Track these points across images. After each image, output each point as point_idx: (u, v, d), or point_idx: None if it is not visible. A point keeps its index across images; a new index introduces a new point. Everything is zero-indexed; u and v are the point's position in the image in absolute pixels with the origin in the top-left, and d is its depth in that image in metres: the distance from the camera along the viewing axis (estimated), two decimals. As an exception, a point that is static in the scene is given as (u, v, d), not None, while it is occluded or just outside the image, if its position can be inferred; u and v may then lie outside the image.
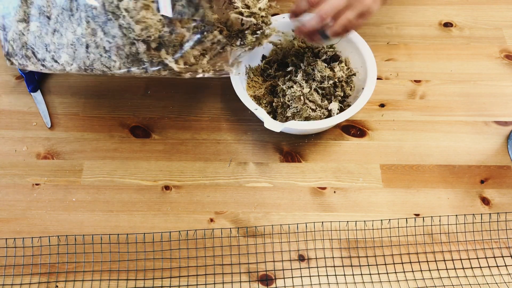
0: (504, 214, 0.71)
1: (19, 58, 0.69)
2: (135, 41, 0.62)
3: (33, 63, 0.68)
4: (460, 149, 0.77)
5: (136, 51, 0.63)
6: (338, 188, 0.74)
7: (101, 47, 0.63)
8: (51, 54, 0.66)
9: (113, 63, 0.64)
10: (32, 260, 0.68)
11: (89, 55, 0.64)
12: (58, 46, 0.65)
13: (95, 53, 0.64)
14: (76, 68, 0.66)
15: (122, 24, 0.61)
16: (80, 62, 0.65)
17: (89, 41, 0.63)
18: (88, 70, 0.66)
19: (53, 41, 0.65)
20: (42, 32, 0.66)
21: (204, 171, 0.75)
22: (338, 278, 0.66)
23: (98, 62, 0.64)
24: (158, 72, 0.65)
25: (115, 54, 0.63)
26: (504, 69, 0.86)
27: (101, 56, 0.64)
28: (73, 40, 0.64)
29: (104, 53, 0.64)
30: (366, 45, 0.78)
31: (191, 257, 0.68)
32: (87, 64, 0.65)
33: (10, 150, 0.77)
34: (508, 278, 0.67)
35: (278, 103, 0.76)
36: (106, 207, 0.72)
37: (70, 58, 0.65)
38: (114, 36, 0.62)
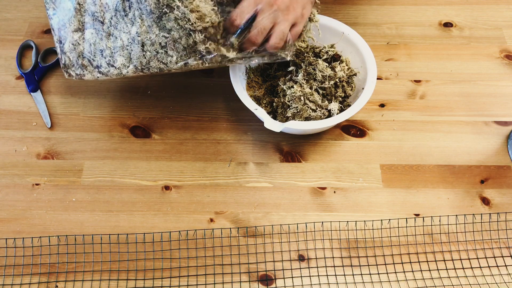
0: (504, 214, 0.71)
1: (76, 68, 0.70)
2: (191, 32, 0.62)
3: (89, 72, 0.70)
4: (460, 149, 0.77)
5: (194, 42, 0.63)
6: (338, 188, 0.74)
7: (157, 44, 0.64)
8: (107, 59, 0.67)
9: (170, 58, 0.64)
10: (32, 260, 0.68)
11: (145, 53, 0.65)
12: (113, 50, 0.66)
13: (151, 50, 0.64)
14: (133, 70, 0.67)
15: (178, 16, 0.62)
16: (136, 62, 0.66)
17: (144, 39, 0.64)
18: (145, 69, 0.66)
19: (108, 46, 0.66)
20: (97, 38, 0.67)
21: (204, 171, 0.75)
22: (338, 278, 0.66)
23: (155, 59, 0.65)
24: (215, 61, 0.65)
25: (171, 49, 0.64)
26: (504, 69, 0.86)
27: (157, 53, 0.65)
28: (128, 41, 0.65)
29: (160, 49, 0.64)
30: (366, 45, 0.78)
31: (191, 257, 0.68)
32: (143, 63, 0.66)
33: (10, 150, 0.77)
34: (508, 278, 0.67)
35: (278, 103, 0.76)
36: (106, 207, 0.72)
37: (126, 60, 0.66)
38: (170, 30, 0.63)
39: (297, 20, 0.67)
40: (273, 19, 0.65)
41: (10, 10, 0.93)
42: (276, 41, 0.67)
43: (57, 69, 0.86)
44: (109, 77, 0.70)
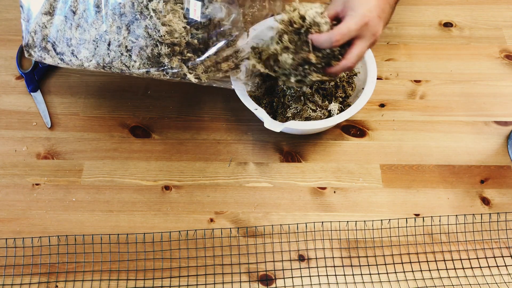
0: (504, 214, 0.71)
1: (37, 50, 0.69)
2: (158, 43, 0.63)
3: (51, 56, 0.69)
4: (460, 149, 0.77)
5: (158, 53, 0.63)
6: (338, 188, 0.74)
7: (123, 46, 0.64)
8: (71, 48, 0.66)
9: (133, 62, 0.64)
10: (32, 260, 0.68)
11: (110, 52, 0.65)
12: (79, 41, 0.66)
13: (116, 51, 0.64)
14: (95, 65, 0.66)
15: (148, 25, 0.62)
16: (99, 59, 0.65)
17: (112, 38, 0.64)
18: (106, 67, 0.66)
19: (75, 36, 0.66)
20: (66, 26, 0.66)
21: (204, 171, 0.75)
22: (338, 278, 0.66)
23: (118, 60, 0.65)
24: (177, 75, 0.65)
25: (136, 54, 0.64)
26: (504, 69, 0.86)
27: (122, 55, 0.64)
28: (96, 36, 0.65)
29: (125, 52, 0.64)
30: (366, 45, 0.78)
31: (191, 257, 0.68)
32: (106, 61, 0.65)
33: (10, 150, 0.77)
34: (508, 278, 0.67)
35: (278, 103, 0.76)
36: (106, 207, 0.72)
37: (90, 54, 0.66)
38: (138, 36, 0.63)
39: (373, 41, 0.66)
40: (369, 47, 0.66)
41: (10, 10, 0.93)
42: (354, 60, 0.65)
43: (57, 69, 0.86)
44: (69, 66, 0.69)
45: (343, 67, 0.66)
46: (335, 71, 0.66)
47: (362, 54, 0.65)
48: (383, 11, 0.65)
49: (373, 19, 0.64)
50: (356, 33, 0.64)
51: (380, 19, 0.65)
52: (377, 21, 0.64)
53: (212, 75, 0.68)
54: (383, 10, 0.65)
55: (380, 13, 0.65)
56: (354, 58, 0.65)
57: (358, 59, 0.65)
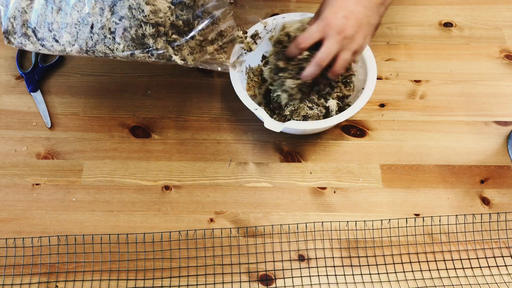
0: (504, 214, 0.71)
1: (18, 36, 0.67)
2: (143, 23, 0.61)
3: (32, 43, 0.67)
4: (460, 149, 0.77)
5: (143, 34, 0.62)
6: (338, 188, 0.74)
7: (106, 28, 0.63)
8: (53, 33, 0.65)
9: (117, 45, 0.63)
10: (32, 260, 0.68)
11: (93, 35, 0.64)
12: (61, 26, 0.64)
13: (100, 34, 0.63)
14: (77, 49, 0.65)
15: (132, 4, 0.61)
16: (82, 42, 0.64)
17: (94, 21, 0.63)
18: (89, 52, 0.65)
19: (56, 20, 0.64)
20: (47, 10, 0.65)
21: (204, 171, 0.75)
22: (338, 278, 0.66)
23: (102, 43, 0.64)
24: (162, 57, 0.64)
25: (120, 36, 0.63)
26: (504, 69, 0.86)
27: (105, 37, 0.63)
28: (78, 19, 0.63)
29: (109, 35, 0.63)
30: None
31: (191, 257, 0.68)
32: (89, 45, 0.64)
33: (10, 150, 0.77)
34: (508, 278, 0.67)
35: (275, 104, 0.76)
36: (106, 207, 0.72)
37: (72, 38, 0.64)
38: (122, 17, 0.62)
39: (358, 49, 0.68)
40: (340, 46, 0.67)
41: (10, 10, 0.93)
42: (339, 68, 0.68)
43: (57, 69, 0.86)
44: (51, 52, 0.67)
45: (313, 66, 0.68)
46: (307, 72, 0.68)
47: (330, 51, 0.67)
48: (352, 12, 0.66)
49: (335, 19, 0.66)
50: (319, 34, 0.67)
51: (346, 18, 0.66)
52: (342, 20, 0.66)
53: (198, 56, 0.67)
54: (351, 11, 0.66)
55: (348, 13, 0.66)
56: (321, 55, 0.67)
57: (326, 56, 0.67)
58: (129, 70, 0.86)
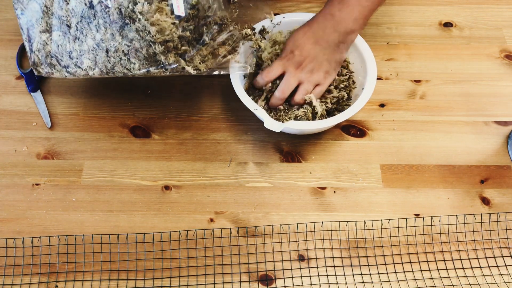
0: (504, 214, 0.71)
1: (45, 66, 0.72)
2: (151, 43, 0.64)
3: (58, 70, 0.71)
4: (460, 149, 0.77)
5: (153, 53, 0.65)
6: (338, 188, 0.74)
7: (120, 51, 0.66)
8: (74, 60, 0.69)
9: (132, 65, 0.66)
10: (32, 260, 0.68)
11: (110, 59, 0.67)
12: (80, 53, 0.68)
13: (115, 56, 0.66)
14: (99, 72, 0.68)
15: (139, 27, 0.63)
16: (102, 66, 0.68)
17: (108, 45, 0.66)
18: (110, 73, 0.68)
19: (75, 48, 0.68)
20: (64, 41, 0.68)
21: (204, 171, 0.75)
22: (338, 278, 0.66)
23: (119, 65, 0.67)
24: (176, 70, 0.67)
25: (133, 57, 0.66)
26: (504, 69, 0.86)
27: (121, 59, 0.66)
28: (94, 45, 0.67)
29: (124, 56, 0.66)
30: (366, 45, 0.78)
31: (191, 257, 0.68)
32: (108, 67, 0.67)
33: (10, 150, 0.77)
34: (508, 278, 0.67)
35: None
36: (106, 207, 0.72)
37: (92, 63, 0.68)
38: (131, 40, 0.64)
39: (320, 82, 0.74)
40: (298, 79, 0.73)
41: (10, 10, 0.93)
42: (300, 97, 0.74)
43: (57, 69, 0.86)
44: (76, 77, 0.71)
45: (275, 98, 0.74)
46: (272, 102, 0.75)
47: (289, 84, 0.74)
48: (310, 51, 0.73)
49: (294, 57, 0.73)
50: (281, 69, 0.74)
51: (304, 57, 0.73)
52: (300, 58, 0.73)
53: (210, 63, 0.69)
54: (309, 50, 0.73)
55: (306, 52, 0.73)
56: (281, 88, 0.74)
57: (286, 88, 0.74)
58: (129, 70, 0.86)
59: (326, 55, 0.74)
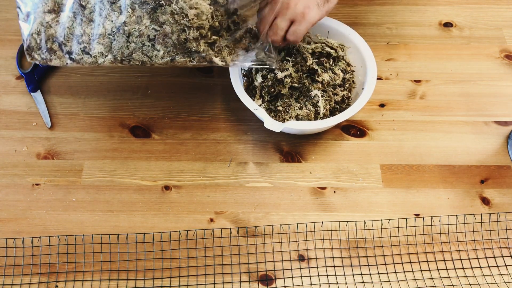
0: (504, 214, 0.71)
1: (42, 52, 0.66)
2: (186, 28, 0.60)
3: (58, 57, 0.66)
4: (460, 149, 0.77)
5: (185, 39, 0.61)
6: (338, 188, 0.74)
7: (145, 36, 0.62)
8: (83, 46, 0.64)
9: (156, 52, 0.62)
10: (32, 260, 0.68)
11: (130, 44, 0.63)
12: (92, 37, 0.63)
13: (137, 42, 0.62)
14: (111, 59, 0.64)
15: (175, 10, 0.60)
16: (117, 53, 0.63)
17: (132, 29, 0.62)
18: (125, 61, 0.64)
19: (86, 32, 0.63)
20: (75, 23, 0.64)
21: (204, 171, 0.75)
22: (338, 278, 0.66)
23: (139, 52, 0.63)
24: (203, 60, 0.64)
25: (160, 43, 0.62)
26: (504, 69, 0.86)
27: (143, 45, 0.62)
28: (112, 29, 0.62)
29: (148, 42, 0.62)
30: (366, 45, 0.78)
31: (191, 257, 0.68)
32: (125, 54, 0.63)
33: (10, 150, 0.77)
34: (508, 278, 0.67)
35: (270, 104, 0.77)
36: (106, 207, 0.72)
37: (105, 49, 0.64)
38: (162, 23, 0.61)
39: (296, 18, 0.68)
40: (275, 13, 0.67)
41: (10, 10, 0.93)
42: (270, 34, 0.69)
43: (57, 69, 0.86)
44: (80, 65, 0.66)
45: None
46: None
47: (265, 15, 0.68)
48: None
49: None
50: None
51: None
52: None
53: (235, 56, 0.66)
54: None
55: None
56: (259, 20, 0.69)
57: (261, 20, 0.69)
58: (129, 70, 0.86)
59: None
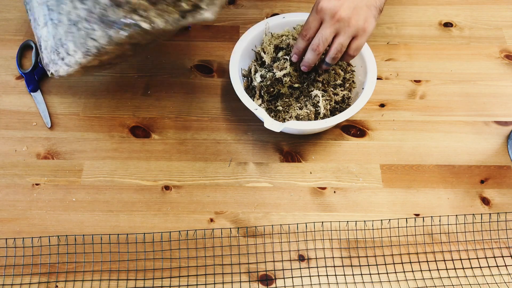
0: (504, 214, 0.71)
1: (52, 65, 0.68)
2: None
3: (60, 66, 0.68)
4: (460, 149, 0.77)
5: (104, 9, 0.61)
6: (338, 188, 0.74)
7: (83, 19, 0.62)
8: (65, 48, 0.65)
9: (96, 33, 0.62)
10: (32, 260, 0.68)
11: (80, 33, 0.63)
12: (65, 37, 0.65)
13: (83, 28, 0.62)
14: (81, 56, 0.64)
15: None
16: (80, 46, 0.64)
17: (75, 16, 0.63)
18: (89, 54, 0.64)
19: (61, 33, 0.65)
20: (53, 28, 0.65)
21: (204, 171, 0.75)
22: (338, 278, 0.66)
23: (88, 38, 0.63)
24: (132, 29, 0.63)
25: (91, 21, 0.62)
26: (504, 69, 0.86)
27: (87, 30, 0.63)
28: (69, 23, 0.63)
29: (88, 25, 0.62)
30: (366, 45, 0.78)
31: (191, 257, 0.68)
32: (84, 45, 0.64)
33: (10, 150, 0.77)
34: (508, 278, 0.67)
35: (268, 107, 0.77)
36: (106, 207, 0.72)
37: (74, 46, 0.64)
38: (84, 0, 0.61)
39: (358, 33, 0.68)
40: (335, 30, 0.67)
41: (10, 10, 0.93)
42: (334, 52, 0.69)
43: (57, 69, 0.86)
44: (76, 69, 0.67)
45: (310, 52, 0.69)
46: (306, 59, 0.71)
47: (324, 36, 0.67)
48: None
49: (328, 3, 0.66)
50: (317, 22, 0.68)
51: (339, 1, 0.66)
52: (334, 3, 0.66)
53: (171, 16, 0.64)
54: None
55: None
56: (315, 41, 0.68)
57: (321, 41, 0.68)
58: (129, 70, 0.86)
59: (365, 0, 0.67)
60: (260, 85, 0.75)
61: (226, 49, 0.88)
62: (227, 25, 0.91)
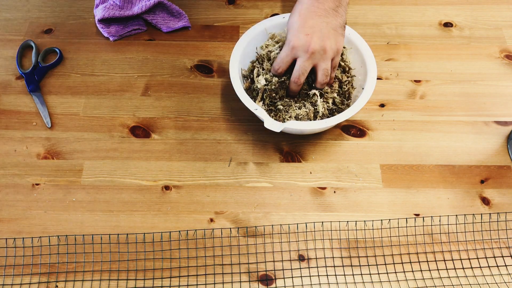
0: (504, 214, 0.71)
1: None
2: None
3: None
4: (460, 149, 0.77)
5: None
6: (338, 188, 0.74)
7: None
8: None
9: None
10: (32, 260, 0.68)
11: None
12: None
13: None
14: None
15: None
16: None
17: None
18: None
19: None
20: None
21: (204, 171, 0.75)
22: (338, 278, 0.66)
23: None
24: None
25: None
26: (504, 69, 0.86)
27: None
28: None
29: None
30: (366, 45, 0.78)
31: (191, 257, 0.68)
32: None
33: (10, 150, 0.77)
34: (508, 278, 0.67)
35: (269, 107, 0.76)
36: (106, 207, 0.72)
37: None
38: None
39: (334, 55, 0.73)
40: (312, 62, 0.72)
41: (10, 10, 0.93)
42: (322, 78, 0.73)
43: (57, 69, 0.86)
44: None
45: (292, 85, 0.74)
46: (290, 91, 0.75)
47: (303, 69, 0.72)
48: (312, 28, 0.71)
49: (299, 40, 0.71)
50: (290, 57, 0.72)
51: (308, 35, 0.70)
52: (305, 39, 0.70)
53: None
54: (311, 27, 0.71)
55: (308, 30, 0.71)
56: (295, 74, 0.73)
57: (300, 74, 0.72)
58: (129, 70, 0.86)
59: (329, 24, 0.72)
60: (264, 88, 0.75)
61: (226, 49, 0.88)
62: (227, 25, 0.91)
